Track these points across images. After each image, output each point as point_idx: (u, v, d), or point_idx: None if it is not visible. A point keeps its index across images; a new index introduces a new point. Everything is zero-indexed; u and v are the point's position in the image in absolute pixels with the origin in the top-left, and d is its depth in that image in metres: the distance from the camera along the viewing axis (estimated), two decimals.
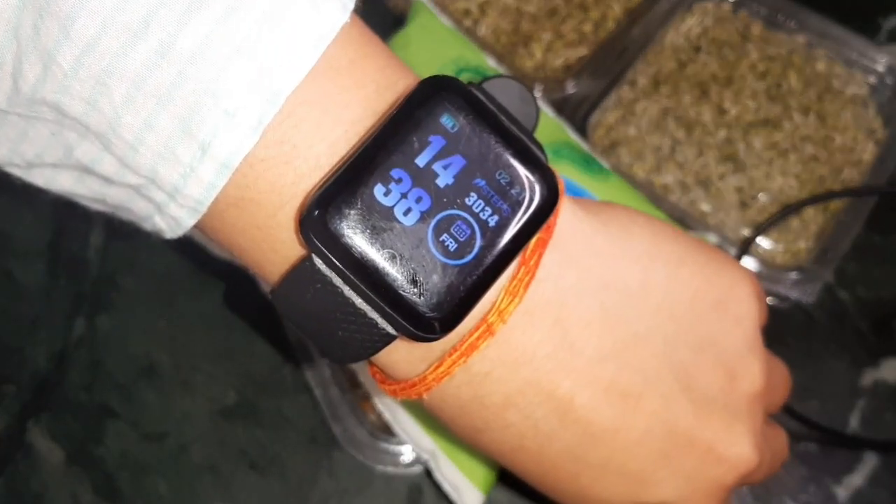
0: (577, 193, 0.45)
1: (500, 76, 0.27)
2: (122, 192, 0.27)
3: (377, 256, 0.24)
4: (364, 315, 0.25)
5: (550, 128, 0.47)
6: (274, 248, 0.26)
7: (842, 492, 0.48)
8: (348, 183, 0.24)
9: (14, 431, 0.48)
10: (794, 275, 0.49)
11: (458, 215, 0.25)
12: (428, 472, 0.47)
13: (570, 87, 0.54)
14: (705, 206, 0.52)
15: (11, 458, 0.47)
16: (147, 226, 0.28)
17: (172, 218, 0.26)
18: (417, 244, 0.24)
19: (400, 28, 0.50)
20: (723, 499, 0.31)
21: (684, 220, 0.49)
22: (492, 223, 0.25)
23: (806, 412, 0.50)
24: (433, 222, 0.25)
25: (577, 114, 0.53)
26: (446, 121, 0.25)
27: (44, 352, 0.50)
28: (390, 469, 0.45)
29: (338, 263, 0.24)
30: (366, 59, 0.26)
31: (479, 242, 0.25)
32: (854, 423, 0.50)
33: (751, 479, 0.31)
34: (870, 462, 0.49)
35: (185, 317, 0.52)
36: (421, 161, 0.25)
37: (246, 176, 0.25)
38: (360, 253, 0.24)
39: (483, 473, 0.42)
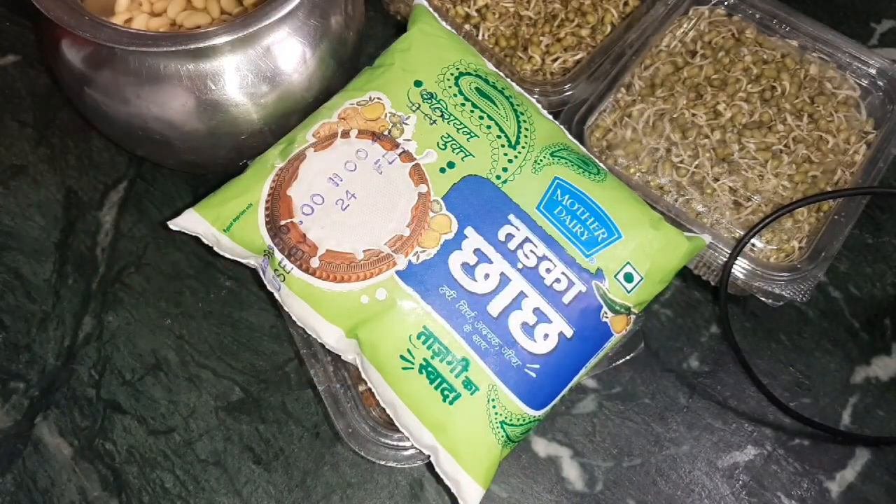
0: (574, 195, 0.46)
1: None
2: None
3: None
4: None
5: (548, 130, 0.48)
6: None
7: (834, 487, 0.49)
8: None
9: (23, 427, 0.49)
10: (787, 274, 0.49)
11: None
12: (429, 467, 0.48)
13: (568, 90, 0.55)
14: (700, 207, 0.53)
15: (20, 453, 0.48)
16: None
17: None
18: None
19: (402, 32, 0.51)
20: None
21: (679, 221, 0.50)
22: None
23: (799, 408, 0.51)
24: None
25: (574, 116, 0.54)
26: None
27: (52, 349, 0.51)
28: (392, 463, 0.46)
29: None
30: None
31: None
32: (846, 419, 0.51)
33: None
34: (862, 457, 0.50)
35: (191, 315, 0.53)
36: None
37: None
38: None
39: (483, 468, 0.43)
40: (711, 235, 0.50)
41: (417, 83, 0.47)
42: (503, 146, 0.46)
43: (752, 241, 0.52)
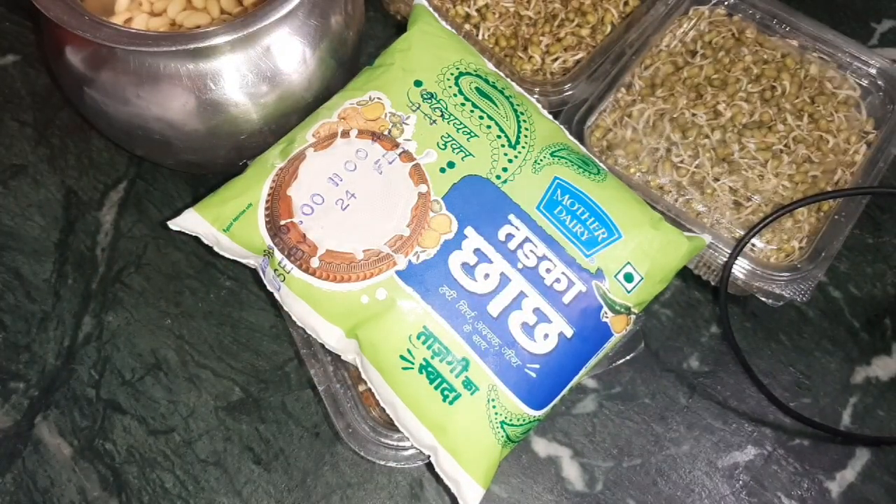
0: (574, 195, 0.46)
1: None
2: None
3: None
4: None
5: (548, 130, 0.48)
6: None
7: (835, 487, 0.49)
8: None
9: (22, 427, 0.49)
10: (787, 274, 0.49)
11: None
12: (429, 467, 0.48)
13: (568, 90, 0.55)
14: (700, 207, 0.53)
15: (20, 453, 0.48)
16: None
17: None
18: None
19: (402, 32, 0.51)
20: None
21: (679, 221, 0.50)
22: None
23: (799, 408, 0.51)
24: None
25: (574, 116, 0.54)
26: None
27: (52, 349, 0.51)
28: (392, 463, 0.46)
29: None
30: None
31: None
32: (847, 419, 0.51)
33: None
34: (862, 457, 0.50)
35: (191, 315, 0.53)
36: None
37: None
38: None
39: (483, 468, 0.43)
40: (711, 235, 0.50)
41: (417, 83, 0.47)
42: (503, 146, 0.46)
43: (753, 241, 0.51)
